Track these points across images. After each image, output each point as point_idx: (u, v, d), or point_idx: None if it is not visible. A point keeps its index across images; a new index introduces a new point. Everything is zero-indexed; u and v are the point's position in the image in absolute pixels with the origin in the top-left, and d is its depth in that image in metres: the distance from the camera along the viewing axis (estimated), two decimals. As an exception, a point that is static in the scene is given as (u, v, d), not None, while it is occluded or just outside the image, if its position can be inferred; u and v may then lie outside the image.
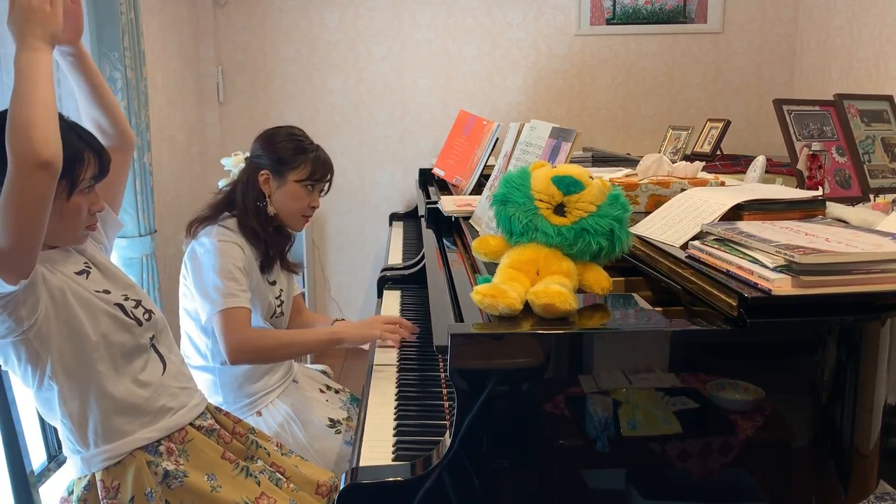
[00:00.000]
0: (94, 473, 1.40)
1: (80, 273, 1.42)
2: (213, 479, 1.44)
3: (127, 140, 1.60)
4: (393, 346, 1.81)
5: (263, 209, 1.90)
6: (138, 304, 1.48)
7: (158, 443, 1.44)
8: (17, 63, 1.26)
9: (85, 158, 1.35)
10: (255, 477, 1.49)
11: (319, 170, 1.93)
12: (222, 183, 2.02)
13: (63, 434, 1.41)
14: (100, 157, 1.39)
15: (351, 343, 1.88)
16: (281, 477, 1.55)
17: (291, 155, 1.90)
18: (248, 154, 1.98)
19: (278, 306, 1.97)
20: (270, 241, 1.92)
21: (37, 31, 1.27)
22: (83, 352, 1.37)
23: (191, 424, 1.50)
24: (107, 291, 1.44)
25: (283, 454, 1.64)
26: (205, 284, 1.78)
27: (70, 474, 1.45)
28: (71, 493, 1.43)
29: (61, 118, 1.35)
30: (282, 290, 1.99)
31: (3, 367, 1.42)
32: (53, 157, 1.21)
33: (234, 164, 2.01)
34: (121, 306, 1.44)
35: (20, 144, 1.18)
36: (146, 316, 1.48)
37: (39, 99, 1.22)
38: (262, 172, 1.90)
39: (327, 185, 1.98)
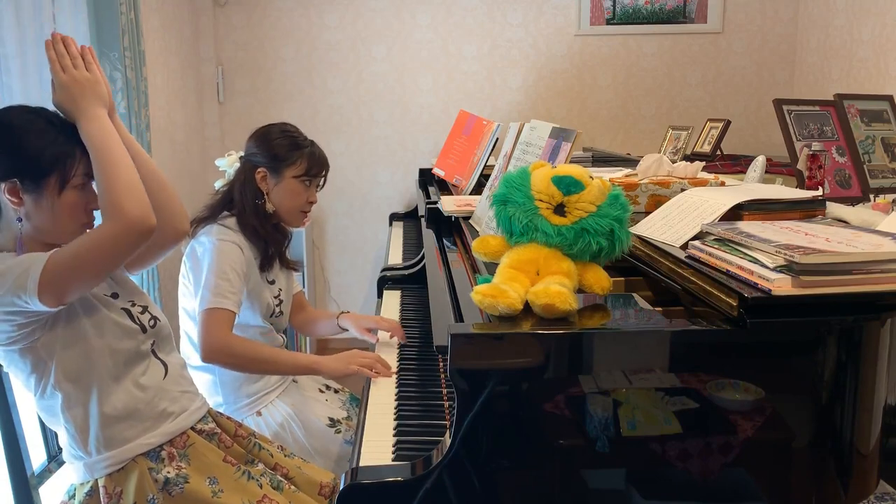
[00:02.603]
0: (96, 480, 1.40)
1: None
2: (214, 482, 1.44)
3: (167, 232, 1.48)
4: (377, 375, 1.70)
5: (262, 207, 1.90)
6: (145, 309, 1.48)
7: (160, 448, 1.43)
8: (85, 136, 1.33)
9: (77, 155, 1.34)
10: (257, 480, 1.49)
11: (315, 165, 1.93)
12: (219, 184, 2.02)
13: (65, 440, 1.41)
14: None
15: (328, 375, 1.83)
16: (282, 479, 1.55)
17: (287, 151, 1.90)
18: (242, 153, 1.98)
19: (277, 306, 1.97)
20: (270, 239, 1.92)
21: (88, 100, 1.35)
22: (87, 358, 1.36)
23: (192, 428, 1.50)
24: (115, 295, 1.44)
25: (285, 456, 1.64)
26: (200, 282, 1.79)
27: (71, 478, 1.45)
28: (72, 497, 1.42)
29: (56, 116, 1.36)
30: (281, 289, 1.99)
31: (5, 370, 1.42)
32: (151, 224, 1.31)
33: (228, 164, 2.01)
34: (127, 311, 1.44)
35: (118, 213, 1.28)
36: (151, 322, 1.48)
37: (120, 167, 1.31)
38: (258, 170, 1.90)
39: (323, 179, 1.99)
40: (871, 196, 2.05)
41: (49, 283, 1.24)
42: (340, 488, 1.13)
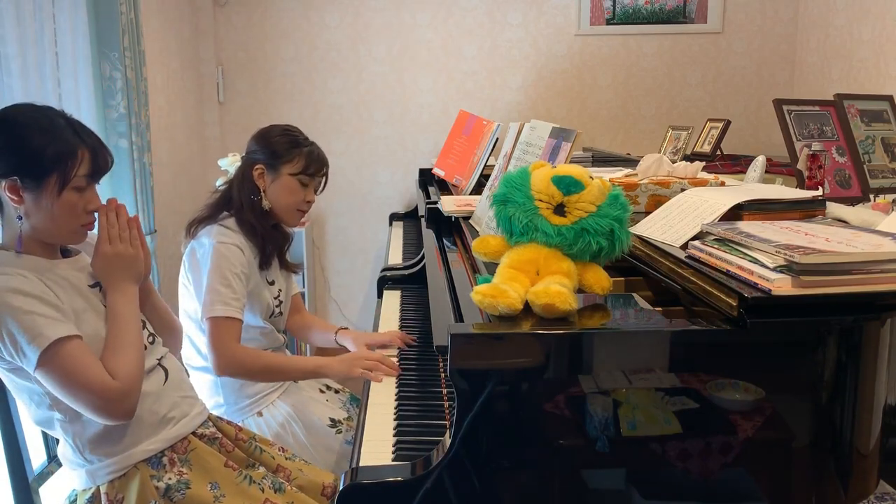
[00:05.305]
0: (98, 486, 1.40)
1: (94, 286, 1.42)
2: (216, 487, 1.44)
3: (174, 349, 1.63)
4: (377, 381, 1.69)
5: (258, 203, 1.90)
6: (143, 324, 1.48)
7: (161, 454, 1.43)
8: (110, 305, 1.38)
9: (78, 155, 1.33)
10: (259, 484, 1.49)
11: (313, 164, 1.93)
12: (219, 182, 2.02)
13: (66, 449, 1.40)
14: (95, 156, 1.36)
15: (334, 378, 1.86)
16: (283, 482, 1.54)
17: (286, 149, 1.90)
18: (244, 154, 1.98)
19: (277, 306, 1.96)
20: (268, 237, 1.92)
21: (123, 275, 1.40)
22: None
23: (193, 433, 1.49)
24: None
25: (287, 458, 1.63)
26: (201, 287, 1.79)
27: (72, 483, 1.44)
28: (73, 501, 1.42)
29: (62, 116, 1.35)
30: (280, 290, 1.99)
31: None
32: (130, 415, 1.34)
33: (230, 163, 2.02)
34: None
35: (118, 388, 1.30)
36: (150, 339, 1.48)
37: (133, 349, 1.36)
38: (256, 167, 1.90)
39: (323, 180, 1.98)
40: (871, 196, 2.05)
41: (48, 355, 1.25)
42: (340, 488, 1.13)
